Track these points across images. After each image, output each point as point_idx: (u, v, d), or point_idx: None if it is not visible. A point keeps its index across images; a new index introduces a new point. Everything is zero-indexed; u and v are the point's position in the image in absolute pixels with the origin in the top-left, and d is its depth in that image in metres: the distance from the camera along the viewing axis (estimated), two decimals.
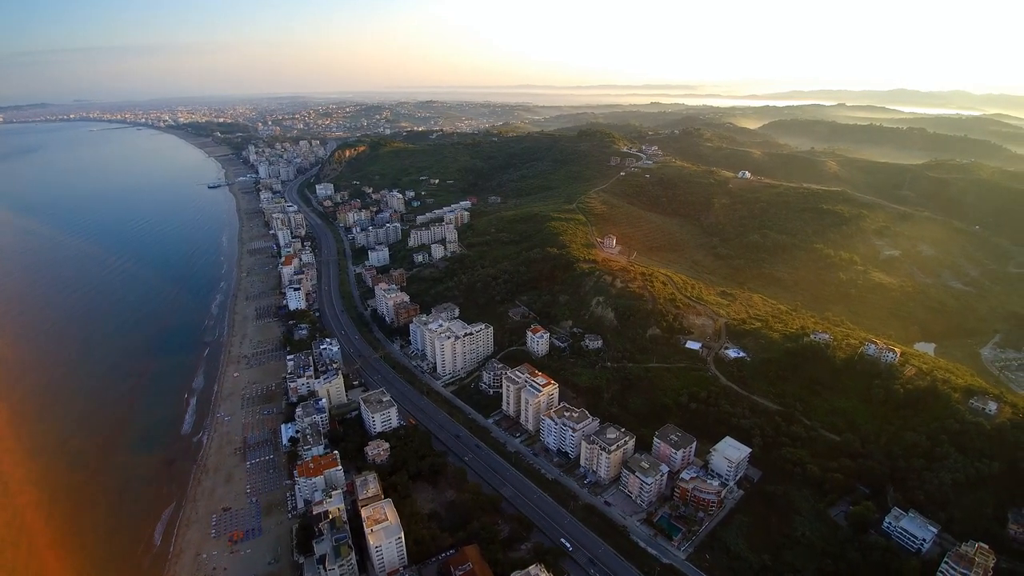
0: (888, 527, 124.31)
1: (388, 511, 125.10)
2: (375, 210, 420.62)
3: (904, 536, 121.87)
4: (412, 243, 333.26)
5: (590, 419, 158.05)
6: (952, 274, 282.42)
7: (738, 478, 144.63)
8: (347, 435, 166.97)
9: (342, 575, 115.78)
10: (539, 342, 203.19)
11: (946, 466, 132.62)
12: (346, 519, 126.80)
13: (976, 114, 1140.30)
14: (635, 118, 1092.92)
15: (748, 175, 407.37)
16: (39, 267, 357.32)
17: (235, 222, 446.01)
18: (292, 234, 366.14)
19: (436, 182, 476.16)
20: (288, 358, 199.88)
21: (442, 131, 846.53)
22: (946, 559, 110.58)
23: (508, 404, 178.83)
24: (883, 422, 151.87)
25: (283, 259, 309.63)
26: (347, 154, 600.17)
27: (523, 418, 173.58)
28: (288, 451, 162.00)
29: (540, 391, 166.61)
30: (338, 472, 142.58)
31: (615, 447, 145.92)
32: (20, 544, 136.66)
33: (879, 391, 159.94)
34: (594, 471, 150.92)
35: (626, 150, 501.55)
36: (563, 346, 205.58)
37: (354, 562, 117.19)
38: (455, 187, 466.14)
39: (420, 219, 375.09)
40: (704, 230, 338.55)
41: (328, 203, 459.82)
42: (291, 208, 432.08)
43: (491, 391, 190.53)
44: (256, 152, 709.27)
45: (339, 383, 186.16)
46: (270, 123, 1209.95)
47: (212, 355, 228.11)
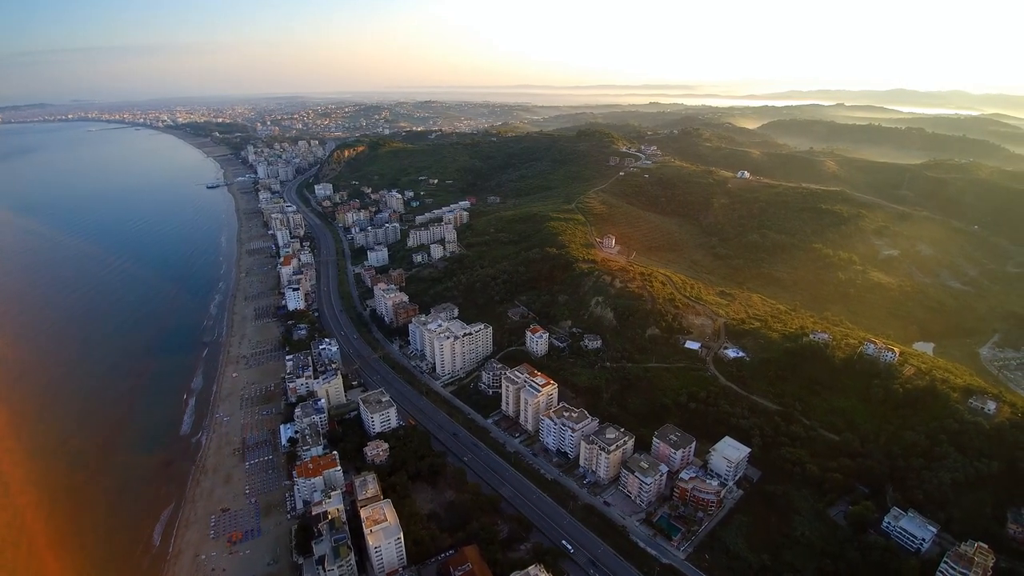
0: (887, 527, 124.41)
1: (387, 512, 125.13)
2: (374, 210, 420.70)
3: (903, 536, 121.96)
4: (411, 243, 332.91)
5: (589, 419, 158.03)
6: (951, 274, 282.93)
7: (737, 478, 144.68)
8: (346, 435, 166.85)
9: None
10: (538, 342, 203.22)
11: (945, 466, 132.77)
12: (345, 520, 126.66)
13: (975, 114, 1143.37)
14: (634, 118, 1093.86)
15: (747, 175, 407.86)
16: (38, 267, 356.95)
17: (234, 222, 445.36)
18: (291, 234, 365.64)
19: (435, 182, 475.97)
20: (287, 358, 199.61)
21: (441, 131, 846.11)
22: (945, 559, 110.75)
23: (507, 404, 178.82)
24: (882, 422, 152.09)
25: (282, 259, 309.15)
26: (346, 154, 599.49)
27: (522, 418, 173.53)
28: (287, 451, 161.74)
29: (539, 391, 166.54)
30: (337, 472, 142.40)
31: (614, 447, 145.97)
32: (20, 544, 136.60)
33: (878, 391, 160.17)
34: (593, 471, 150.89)
35: (625, 150, 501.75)
36: (562, 346, 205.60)
37: (353, 563, 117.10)
38: (454, 187, 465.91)
39: (419, 219, 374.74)
40: (703, 230, 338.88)
41: (327, 203, 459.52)
42: (290, 208, 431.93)
43: (490, 391, 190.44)
44: (255, 152, 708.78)
45: (338, 383, 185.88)
46: (269, 123, 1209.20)
47: (211, 355, 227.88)
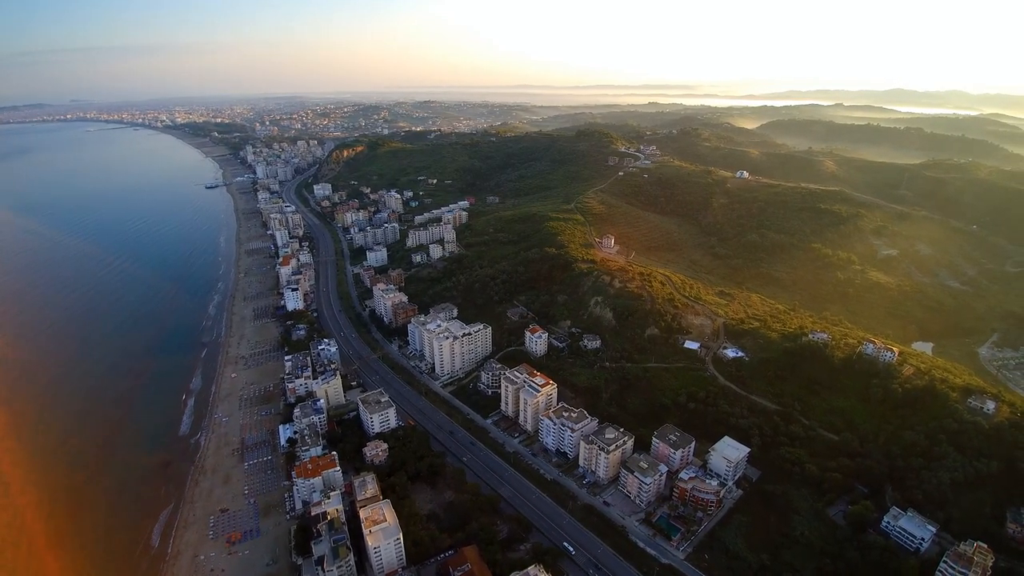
0: (887, 526, 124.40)
1: (386, 512, 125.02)
2: (373, 210, 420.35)
3: (903, 535, 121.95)
4: (410, 243, 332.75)
5: (589, 419, 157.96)
6: (950, 273, 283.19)
7: (737, 478, 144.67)
8: (345, 436, 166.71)
9: None
10: (537, 342, 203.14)
11: (944, 465, 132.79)
12: (344, 520, 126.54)
13: (973, 114, 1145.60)
14: (633, 118, 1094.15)
15: (746, 175, 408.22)
16: (38, 267, 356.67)
17: (233, 222, 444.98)
18: (290, 234, 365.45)
19: (434, 182, 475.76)
20: (286, 359, 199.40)
21: (440, 131, 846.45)
22: (945, 558, 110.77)
23: (507, 404, 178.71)
24: (881, 421, 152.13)
25: (281, 259, 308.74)
26: (345, 154, 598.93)
27: (522, 418, 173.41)
28: (286, 452, 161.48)
29: (539, 391, 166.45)
30: (336, 473, 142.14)
31: (614, 447, 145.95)
32: (20, 544, 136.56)
33: (877, 390, 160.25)
34: (593, 471, 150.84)
35: (624, 150, 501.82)
36: (561, 346, 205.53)
37: (352, 563, 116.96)
38: (453, 187, 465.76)
39: (418, 219, 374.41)
40: (702, 230, 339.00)
41: (326, 203, 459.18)
42: (289, 208, 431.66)
43: (490, 391, 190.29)
44: (254, 152, 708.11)
45: (337, 384, 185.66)
46: (268, 123, 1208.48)
47: (210, 356, 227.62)
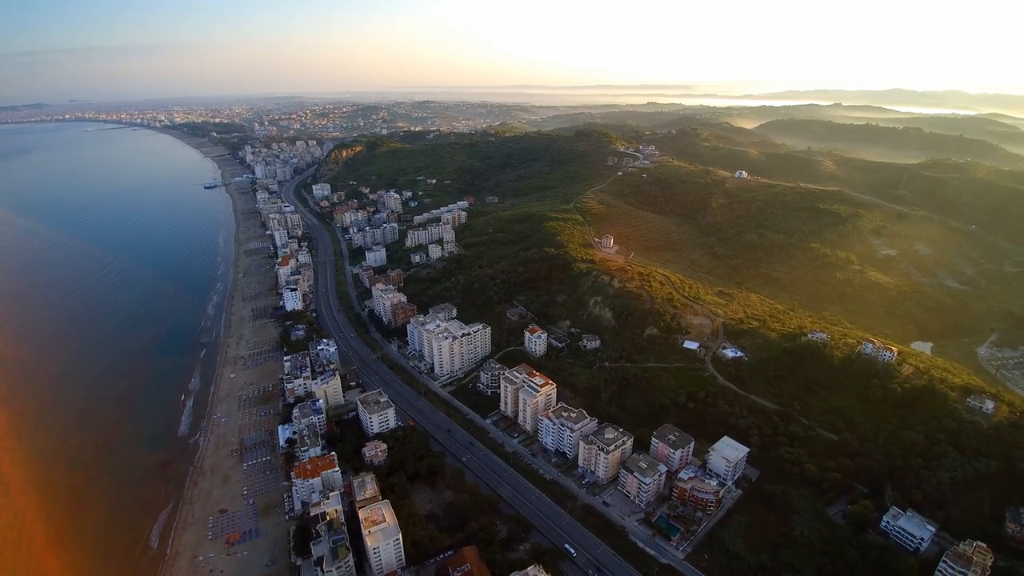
0: (886, 526, 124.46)
1: (386, 512, 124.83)
2: (372, 210, 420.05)
3: (902, 535, 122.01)
4: (409, 243, 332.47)
5: (588, 419, 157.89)
6: (949, 273, 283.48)
7: (736, 478, 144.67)
8: (344, 436, 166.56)
9: None
10: (537, 342, 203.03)
11: (944, 465, 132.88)
12: (344, 520, 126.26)
13: (972, 114, 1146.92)
14: (632, 118, 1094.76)
15: (745, 175, 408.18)
16: (38, 267, 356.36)
17: (232, 222, 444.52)
18: (289, 234, 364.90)
19: (433, 182, 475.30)
20: (285, 359, 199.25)
21: (439, 131, 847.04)
22: (944, 558, 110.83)
23: (506, 404, 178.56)
24: (881, 421, 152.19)
25: (280, 260, 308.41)
26: (344, 154, 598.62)
27: (521, 418, 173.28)
28: (285, 452, 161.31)
29: (538, 391, 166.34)
30: (335, 473, 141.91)
31: (613, 447, 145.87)
32: (20, 544, 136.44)
33: (877, 390, 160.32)
34: (592, 471, 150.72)
35: (623, 150, 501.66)
36: (561, 346, 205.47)
37: (352, 564, 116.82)
38: (452, 187, 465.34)
39: (417, 219, 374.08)
40: (701, 230, 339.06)
41: (325, 203, 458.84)
42: (288, 208, 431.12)
43: (489, 391, 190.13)
44: (252, 152, 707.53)
45: (336, 384, 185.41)
46: (267, 123, 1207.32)
47: (209, 356, 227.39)
